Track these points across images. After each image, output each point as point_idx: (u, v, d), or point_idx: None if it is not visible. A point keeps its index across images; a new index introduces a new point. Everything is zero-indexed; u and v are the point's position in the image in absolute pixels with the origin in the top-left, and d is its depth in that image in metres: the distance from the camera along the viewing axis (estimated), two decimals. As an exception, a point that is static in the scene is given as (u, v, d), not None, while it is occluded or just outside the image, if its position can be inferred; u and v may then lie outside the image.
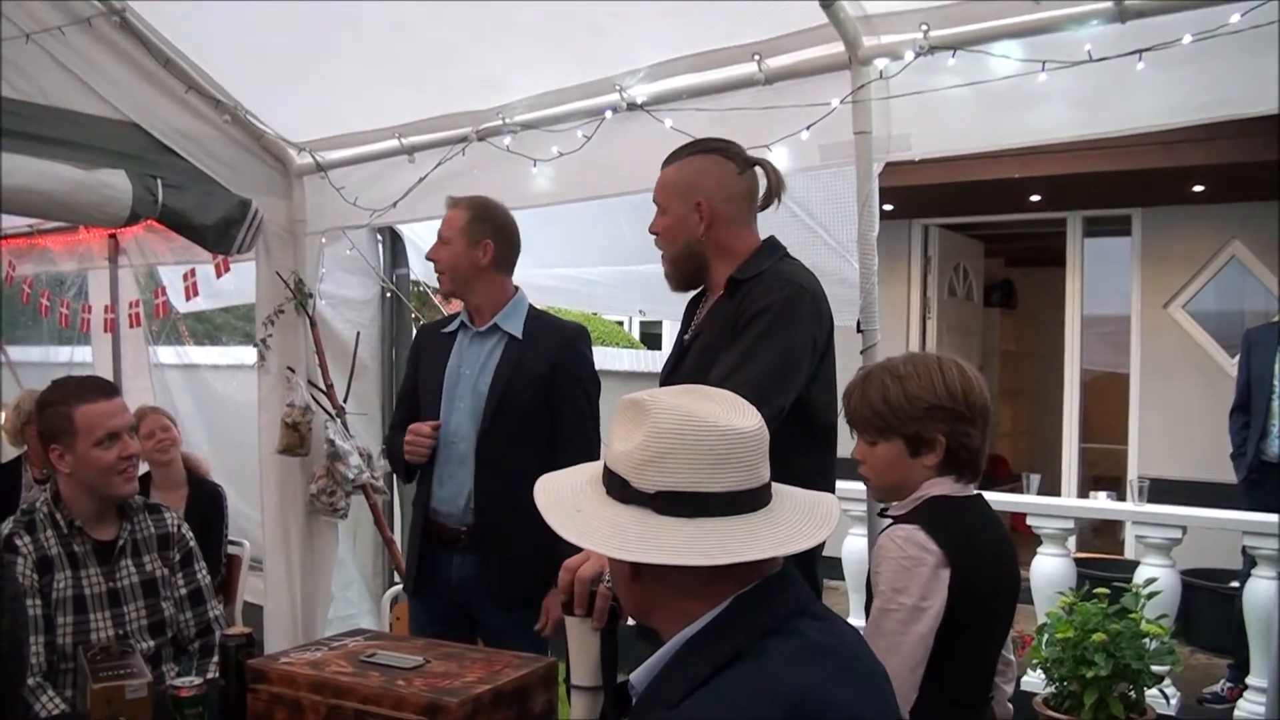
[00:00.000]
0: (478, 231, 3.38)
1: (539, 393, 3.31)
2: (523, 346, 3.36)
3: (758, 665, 1.35)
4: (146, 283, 6.84)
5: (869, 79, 3.12)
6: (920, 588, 2.07)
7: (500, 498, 3.25)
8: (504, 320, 3.40)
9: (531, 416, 3.31)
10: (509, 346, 3.37)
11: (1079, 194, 7.89)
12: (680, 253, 2.73)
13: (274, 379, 4.74)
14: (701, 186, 2.67)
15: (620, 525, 1.45)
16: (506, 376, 3.32)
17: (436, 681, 2.03)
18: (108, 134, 4.09)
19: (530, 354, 3.33)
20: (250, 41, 4.05)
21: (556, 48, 3.67)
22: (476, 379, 3.37)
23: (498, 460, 3.28)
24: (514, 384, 3.31)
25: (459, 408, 3.37)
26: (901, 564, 2.10)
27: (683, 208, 2.68)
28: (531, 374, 3.31)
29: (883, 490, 2.32)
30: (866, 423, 2.25)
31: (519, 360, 3.33)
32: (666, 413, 1.45)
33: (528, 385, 3.31)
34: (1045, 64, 2.82)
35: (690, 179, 2.69)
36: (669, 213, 2.72)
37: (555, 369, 3.31)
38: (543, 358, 3.32)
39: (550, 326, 3.45)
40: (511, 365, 3.33)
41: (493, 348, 3.39)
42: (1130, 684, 4.20)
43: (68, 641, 2.78)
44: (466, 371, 3.40)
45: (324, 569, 4.85)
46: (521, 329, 3.38)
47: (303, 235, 4.75)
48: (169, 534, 3.11)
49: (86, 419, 2.88)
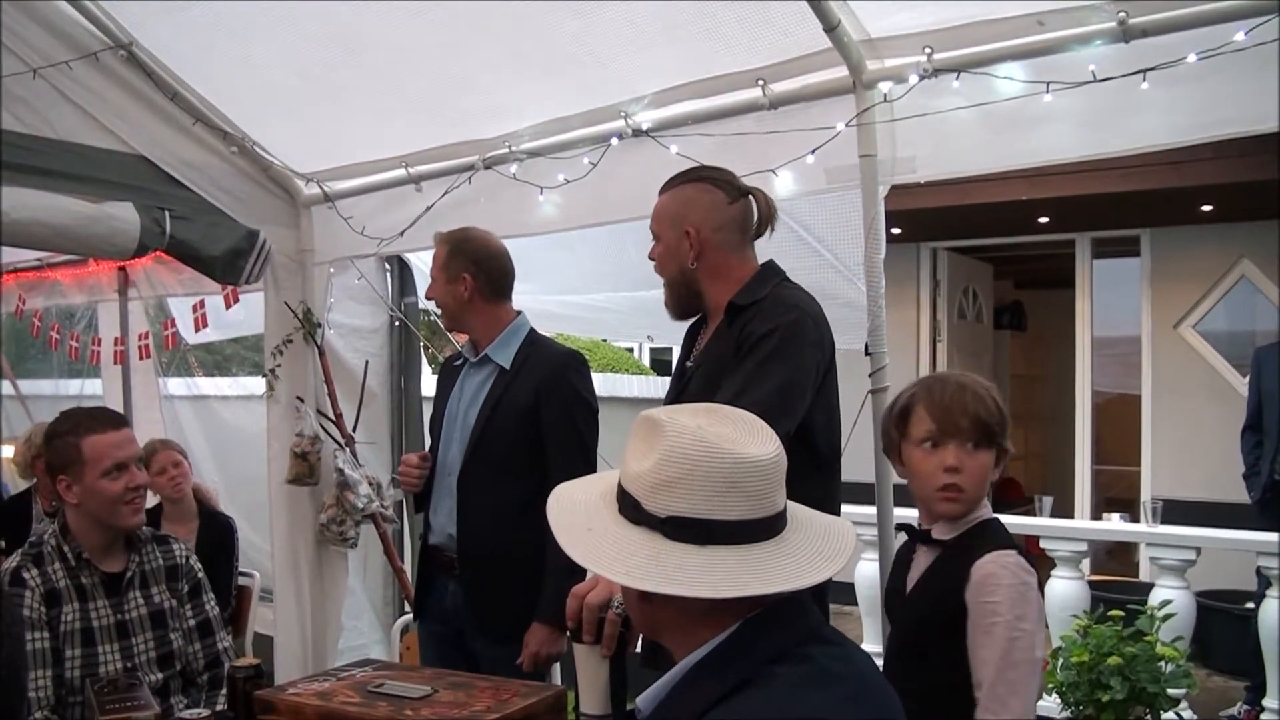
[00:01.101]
0: (454, 267, 3.39)
1: (524, 424, 3.27)
2: (511, 378, 3.34)
3: (766, 692, 1.34)
4: (156, 314, 6.86)
5: (873, 102, 3.13)
6: (1036, 612, 2.14)
7: (481, 531, 3.28)
8: (495, 351, 3.39)
9: (516, 448, 3.28)
10: (498, 378, 3.36)
11: (1087, 215, 7.88)
12: (674, 279, 2.74)
13: (283, 409, 4.74)
14: (689, 215, 2.67)
15: (629, 549, 1.44)
16: (490, 409, 3.32)
17: (444, 711, 2.02)
18: (115, 167, 4.11)
19: (517, 385, 3.32)
20: (257, 74, 4.08)
21: (561, 76, 3.68)
22: (467, 412, 3.40)
23: (478, 494, 3.30)
24: (497, 417, 3.31)
25: (453, 440, 3.41)
26: (1020, 590, 2.13)
27: (673, 236, 2.70)
28: (516, 406, 3.29)
29: (970, 503, 2.31)
30: (972, 429, 2.24)
31: (504, 392, 3.32)
32: (682, 436, 1.44)
33: (511, 417, 3.29)
34: (1050, 85, 2.82)
35: (679, 208, 2.70)
36: (662, 240, 2.74)
37: (540, 398, 3.27)
38: (529, 388, 3.29)
39: (542, 355, 3.40)
40: (496, 398, 3.33)
41: (484, 379, 3.39)
42: (1146, 708, 4.17)
43: (76, 674, 2.77)
44: (461, 405, 3.43)
45: (334, 599, 4.83)
46: (512, 359, 3.37)
47: (311, 265, 4.76)
48: (177, 565, 3.10)
49: (94, 449, 2.87)
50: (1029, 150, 3.07)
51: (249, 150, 4.48)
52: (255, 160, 4.54)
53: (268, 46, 3.83)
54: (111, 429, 2.95)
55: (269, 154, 4.54)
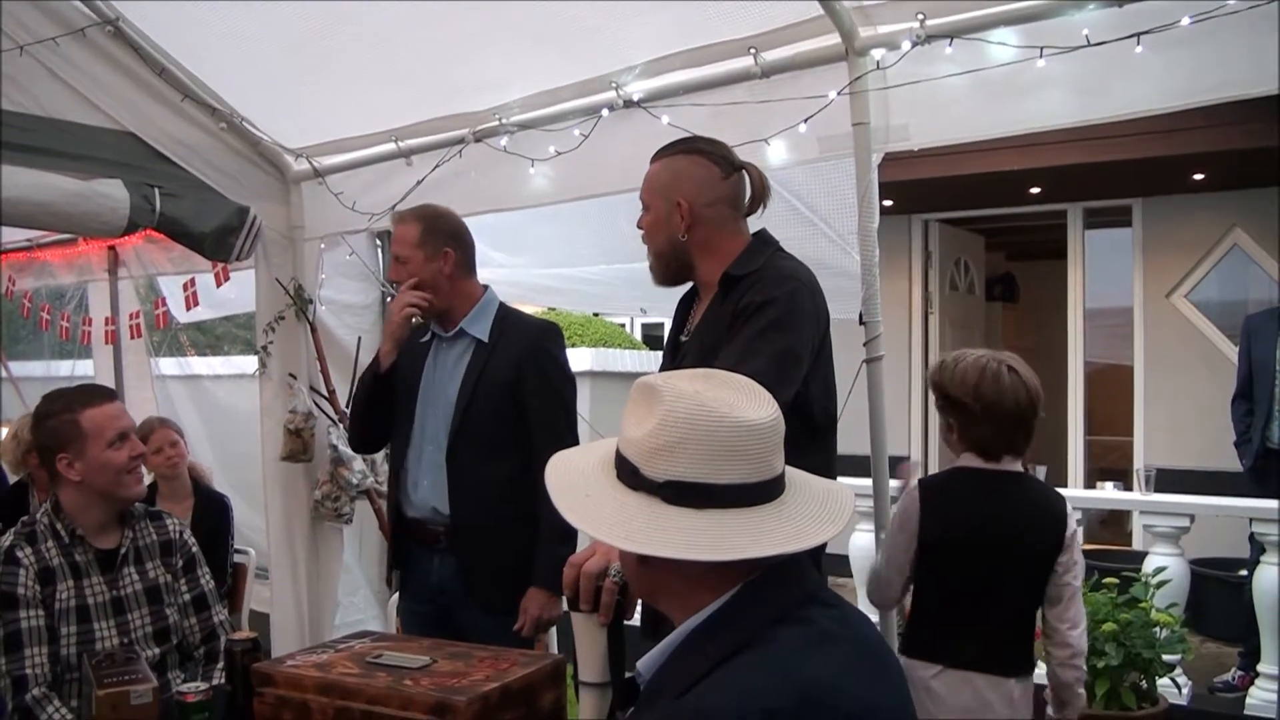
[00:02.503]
0: (434, 242, 3.34)
1: (506, 398, 3.27)
2: (489, 351, 3.33)
3: (767, 653, 1.33)
4: (146, 294, 6.85)
5: (866, 70, 3.11)
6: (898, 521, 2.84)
7: (475, 505, 3.26)
8: (470, 324, 3.37)
9: (501, 423, 3.28)
10: (477, 351, 3.35)
11: (1079, 185, 7.87)
12: (663, 249, 2.69)
13: (276, 386, 4.73)
14: (681, 187, 2.62)
15: (628, 513, 1.43)
16: (473, 384, 3.31)
17: (444, 681, 2.02)
18: (104, 144, 4.07)
19: (496, 359, 3.31)
20: (245, 48, 4.05)
21: (551, 46, 3.66)
22: (446, 386, 3.37)
23: (470, 468, 3.28)
24: (480, 392, 3.29)
25: (431, 414, 3.37)
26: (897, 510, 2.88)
27: (664, 207, 2.65)
28: (497, 381, 3.28)
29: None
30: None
31: (485, 366, 3.31)
32: (679, 400, 1.43)
33: (494, 393, 3.28)
34: (1043, 50, 2.81)
35: (671, 179, 2.65)
36: (651, 210, 2.69)
37: (521, 371, 3.27)
38: (509, 362, 3.29)
39: (518, 327, 3.40)
40: (478, 372, 3.31)
41: (461, 353, 3.38)
42: (1141, 673, 4.20)
43: (72, 651, 2.76)
44: (438, 378, 3.40)
45: (330, 575, 4.84)
46: (489, 332, 3.36)
47: (301, 241, 4.75)
48: (171, 540, 3.09)
49: (94, 422, 2.86)
50: (1023, 116, 3.07)
51: (238, 126, 4.45)
52: (244, 136, 4.51)
53: (255, 21, 3.80)
54: (106, 401, 2.96)
55: (258, 130, 4.52)
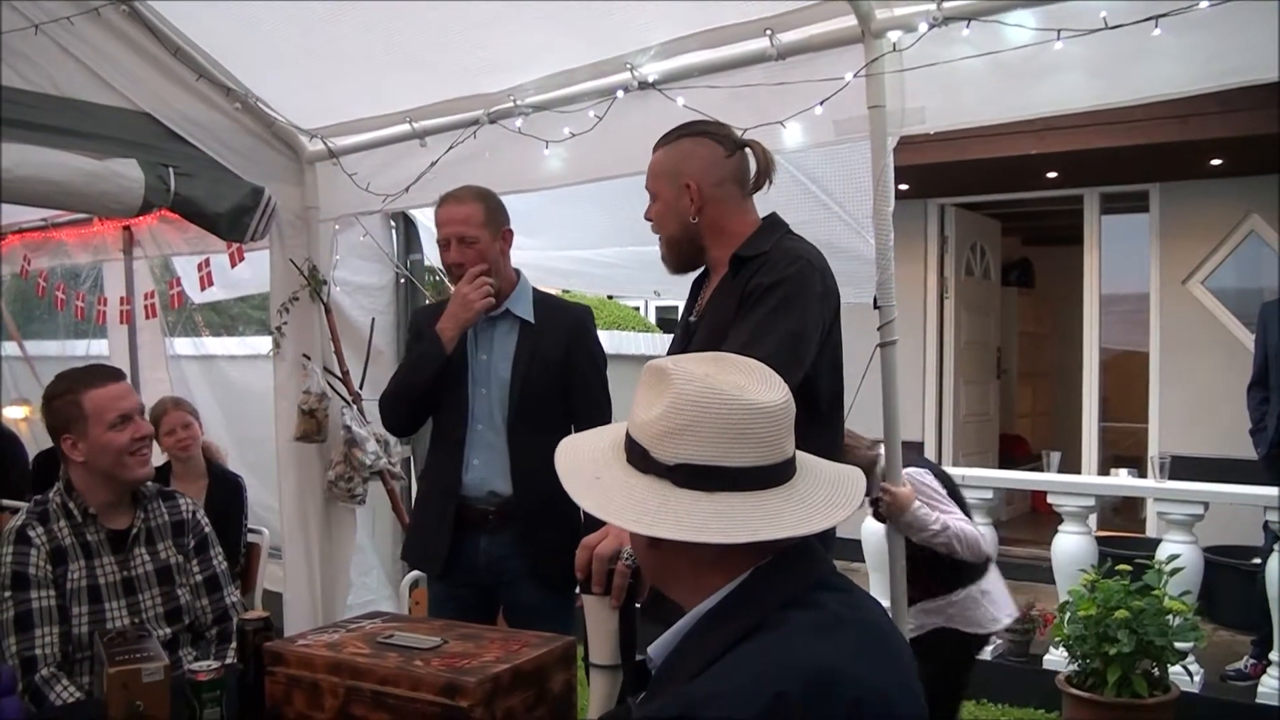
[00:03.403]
0: (497, 221, 3.40)
1: (556, 376, 3.37)
2: (537, 331, 3.40)
3: (777, 637, 1.33)
4: (161, 274, 6.86)
5: (882, 52, 3.09)
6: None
7: (534, 482, 3.29)
8: (515, 305, 3.43)
9: (552, 401, 3.37)
10: (524, 332, 3.41)
11: (1095, 170, 7.83)
12: (675, 235, 2.69)
13: (290, 366, 4.74)
14: (688, 169, 2.63)
15: (639, 497, 1.43)
16: (526, 363, 3.37)
17: (454, 661, 2.02)
18: (119, 123, 4.07)
19: (545, 339, 3.39)
20: (260, 29, 4.03)
21: (566, 28, 3.64)
22: (496, 364, 3.40)
23: (529, 446, 3.30)
24: (534, 371, 3.36)
25: (482, 394, 3.39)
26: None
27: (672, 191, 2.65)
28: (548, 360, 3.36)
29: None
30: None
31: (535, 346, 3.38)
32: (689, 383, 1.42)
33: (546, 371, 3.36)
34: (1060, 33, 2.78)
35: (676, 163, 2.65)
36: (660, 198, 2.70)
37: (570, 352, 3.37)
38: (557, 343, 3.38)
39: (558, 309, 3.50)
40: (529, 351, 3.38)
41: (506, 332, 3.42)
42: (1153, 661, 4.18)
43: (83, 630, 2.78)
44: (484, 357, 3.41)
45: (343, 555, 4.85)
46: (532, 313, 3.42)
47: (316, 222, 4.74)
48: (183, 521, 3.10)
49: (95, 404, 2.86)
50: (1039, 100, 3.04)
51: (252, 106, 4.45)
52: (259, 116, 4.51)
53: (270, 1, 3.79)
54: (110, 382, 2.94)
55: (273, 110, 4.51)
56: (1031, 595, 5.92)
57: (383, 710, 2.00)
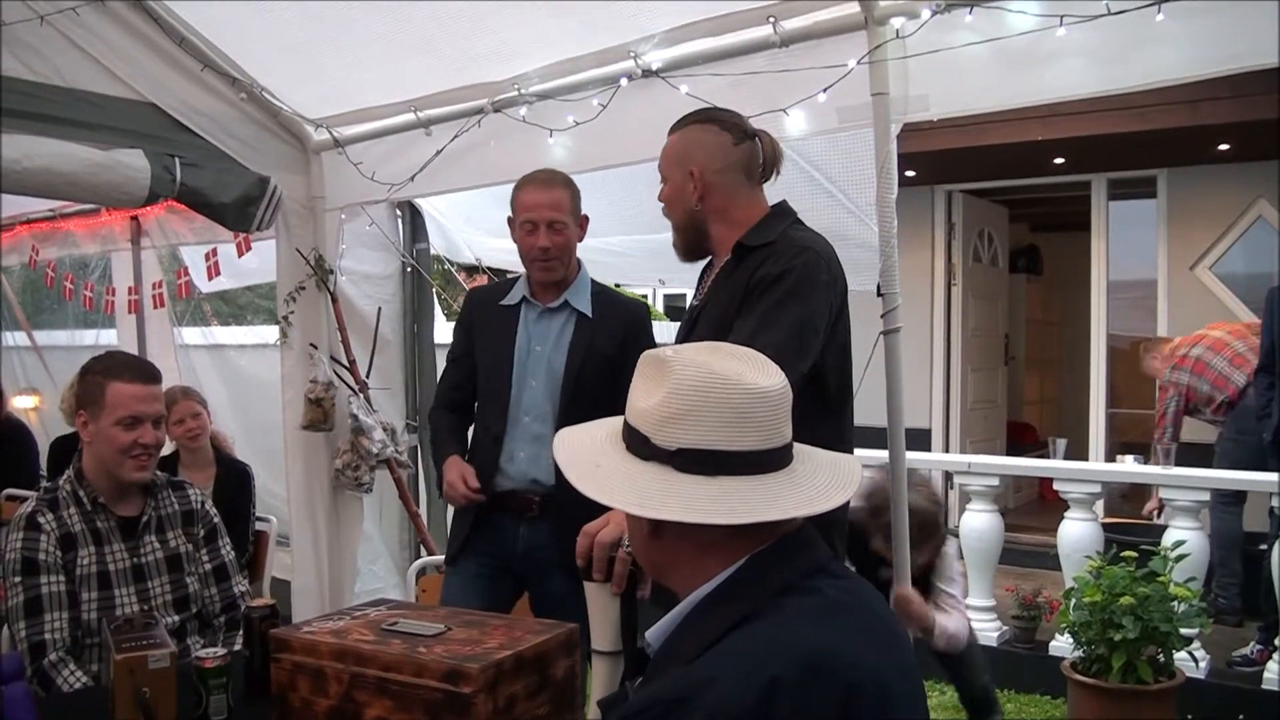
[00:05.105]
0: (579, 208, 3.37)
1: (610, 372, 3.26)
2: (593, 325, 3.35)
3: (774, 622, 1.34)
4: (169, 263, 6.89)
5: (885, 39, 3.08)
6: None
7: None
8: (574, 297, 3.38)
9: (604, 396, 3.18)
10: (580, 325, 3.35)
11: (1102, 156, 7.80)
12: (681, 221, 2.70)
13: (296, 355, 4.76)
14: (694, 156, 2.63)
15: (640, 482, 1.44)
16: (581, 356, 3.32)
17: (458, 648, 2.03)
18: (125, 114, 4.10)
19: (600, 334, 3.34)
20: (264, 18, 4.05)
21: (570, 16, 3.64)
22: (550, 356, 3.34)
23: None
24: (588, 364, 3.31)
25: (532, 385, 3.34)
26: None
27: (679, 176, 2.66)
28: (603, 355, 3.29)
29: None
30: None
31: (591, 340, 3.33)
32: (689, 369, 1.44)
33: (600, 366, 3.29)
34: (1063, 19, 2.78)
35: (684, 149, 2.66)
36: (669, 182, 2.71)
37: (625, 348, 3.26)
38: (613, 338, 3.32)
39: (615, 303, 3.45)
40: (585, 345, 3.32)
41: (563, 325, 3.37)
42: (1159, 647, 4.18)
43: (92, 616, 2.80)
44: (538, 348, 3.36)
45: (350, 543, 4.88)
46: (590, 306, 3.38)
47: (322, 211, 4.76)
48: (193, 510, 3.12)
49: (115, 396, 2.88)
50: (1043, 86, 3.04)
51: (258, 96, 4.47)
52: (264, 106, 4.53)
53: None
54: (140, 382, 2.94)
55: (278, 100, 4.53)
56: (1038, 582, 5.93)
57: (386, 696, 2.01)
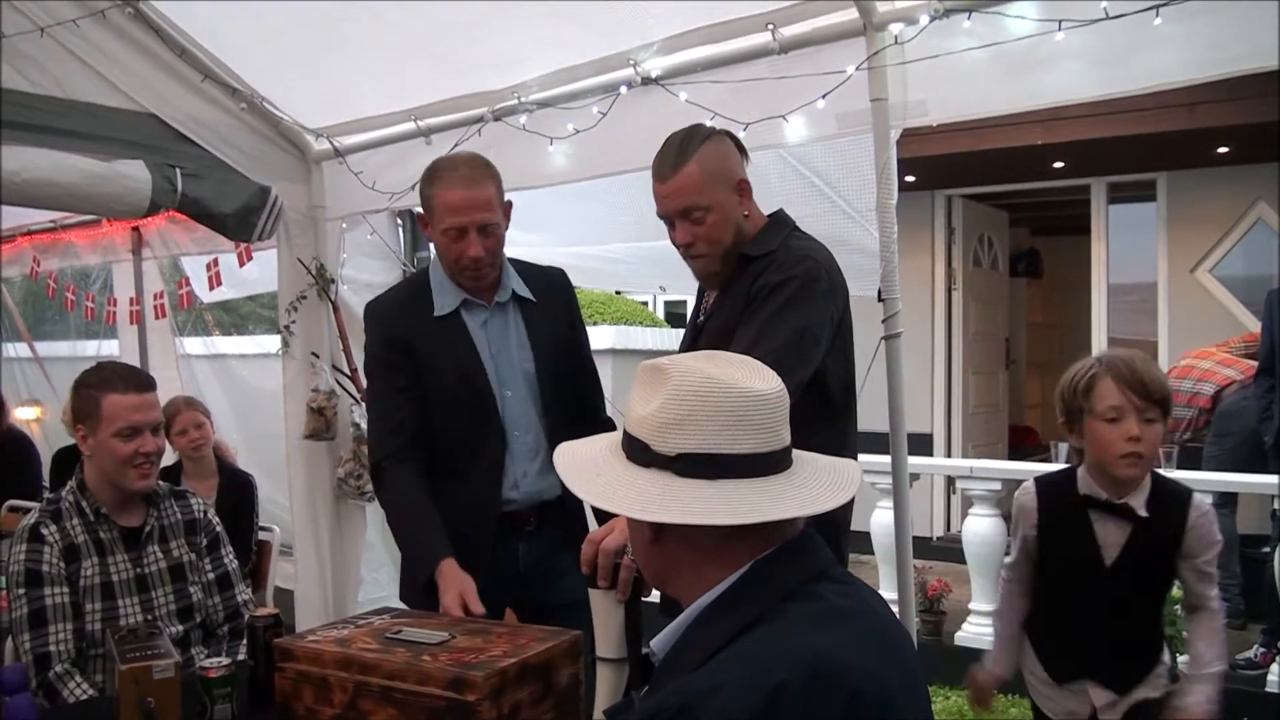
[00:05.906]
0: (503, 193, 2.94)
1: (573, 355, 3.11)
2: (539, 310, 3.04)
3: (777, 629, 1.34)
4: (170, 274, 6.89)
5: (884, 44, 3.09)
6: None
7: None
8: (514, 284, 3.03)
9: (573, 385, 3.10)
10: (527, 315, 3.02)
11: (1102, 159, 7.82)
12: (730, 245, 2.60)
13: (298, 365, 4.76)
14: (731, 168, 2.60)
15: (641, 488, 1.45)
16: (548, 351, 3.01)
17: (462, 656, 2.04)
18: (125, 125, 4.10)
19: (549, 315, 3.06)
20: (264, 28, 4.05)
21: (569, 23, 3.64)
22: (518, 360, 3.00)
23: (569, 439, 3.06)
24: (557, 356, 3.04)
25: (509, 397, 2.96)
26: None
27: (724, 194, 2.58)
28: (564, 340, 3.07)
29: (1148, 467, 2.64)
30: (1163, 403, 2.59)
31: (550, 329, 3.04)
32: (686, 375, 1.44)
33: (565, 353, 3.07)
34: (1061, 23, 2.78)
35: (717, 167, 2.58)
36: (715, 208, 2.56)
37: (573, 321, 3.15)
38: (560, 317, 3.09)
39: (542, 276, 3.12)
40: (545, 337, 3.01)
41: (511, 320, 3.01)
42: (1163, 649, 4.17)
43: (96, 627, 2.81)
44: (502, 355, 2.98)
45: (353, 552, 4.87)
46: (527, 288, 3.04)
47: (323, 221, 4.76)
48: (196, 520, 3.13)
49: (112, 407, 2.89)
50: (1042, 91, 3.04)
51: (258, 106, 4.47)
52: (265, 116, 4.53)
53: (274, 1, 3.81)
54: (134, 391, 2.95)
55: (278, 110, 4.53)
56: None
57: (390, 705, 2.01)
